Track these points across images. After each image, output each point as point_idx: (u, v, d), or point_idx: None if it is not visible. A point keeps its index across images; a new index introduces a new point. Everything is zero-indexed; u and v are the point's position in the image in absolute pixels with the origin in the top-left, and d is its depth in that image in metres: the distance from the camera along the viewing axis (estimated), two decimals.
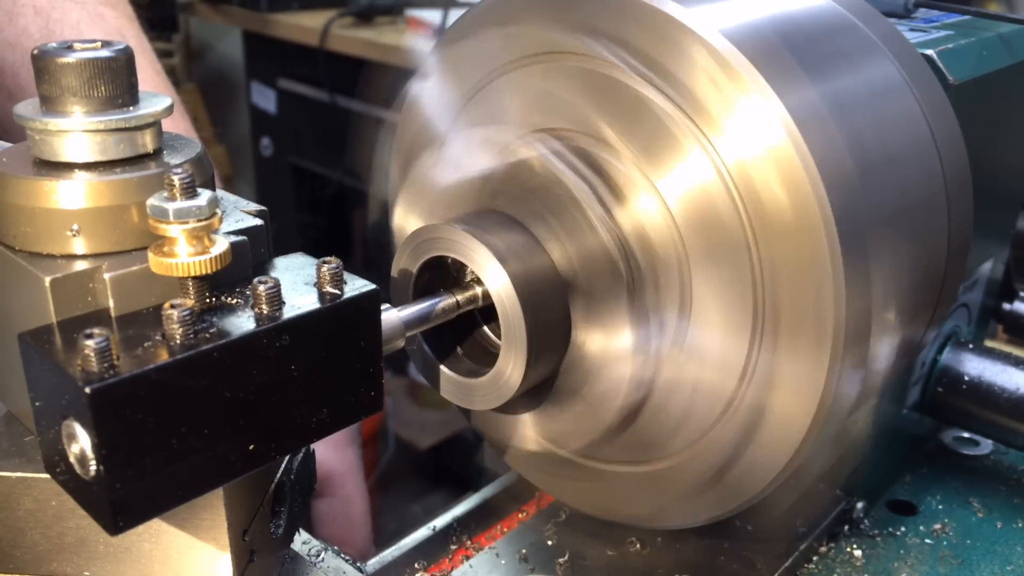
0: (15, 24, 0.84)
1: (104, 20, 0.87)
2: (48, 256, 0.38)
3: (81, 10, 0.85)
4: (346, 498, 0.91)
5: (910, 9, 0.67)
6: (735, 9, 0.46)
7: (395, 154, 0.60)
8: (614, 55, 0.47)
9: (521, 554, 0.61)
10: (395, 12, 2.12)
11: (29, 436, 0.42)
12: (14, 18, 0.84)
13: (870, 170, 0.45)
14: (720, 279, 0.46)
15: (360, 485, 0.93)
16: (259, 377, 0.37)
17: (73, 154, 0.39)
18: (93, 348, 0.32)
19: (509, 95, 0.52)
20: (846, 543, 0.65)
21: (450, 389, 0.54)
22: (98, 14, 0.87)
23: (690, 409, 0.49)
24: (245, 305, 0.38)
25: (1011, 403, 0.65)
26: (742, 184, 0.44)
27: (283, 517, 0.47)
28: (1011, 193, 0.72)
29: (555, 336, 0.51)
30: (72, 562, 0.42)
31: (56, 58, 0.38)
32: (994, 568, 0.63)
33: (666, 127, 0.46)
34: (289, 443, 0.40)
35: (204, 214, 0.36)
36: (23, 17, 0.84)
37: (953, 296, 0.56)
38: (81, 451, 0.33)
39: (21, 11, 0.84)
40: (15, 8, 0.84)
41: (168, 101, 0.41)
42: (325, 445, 0.90)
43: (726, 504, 0.51)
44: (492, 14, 0.52)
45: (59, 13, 0.84)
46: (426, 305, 0.50)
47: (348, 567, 0.53)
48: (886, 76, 0.50)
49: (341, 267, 0.40)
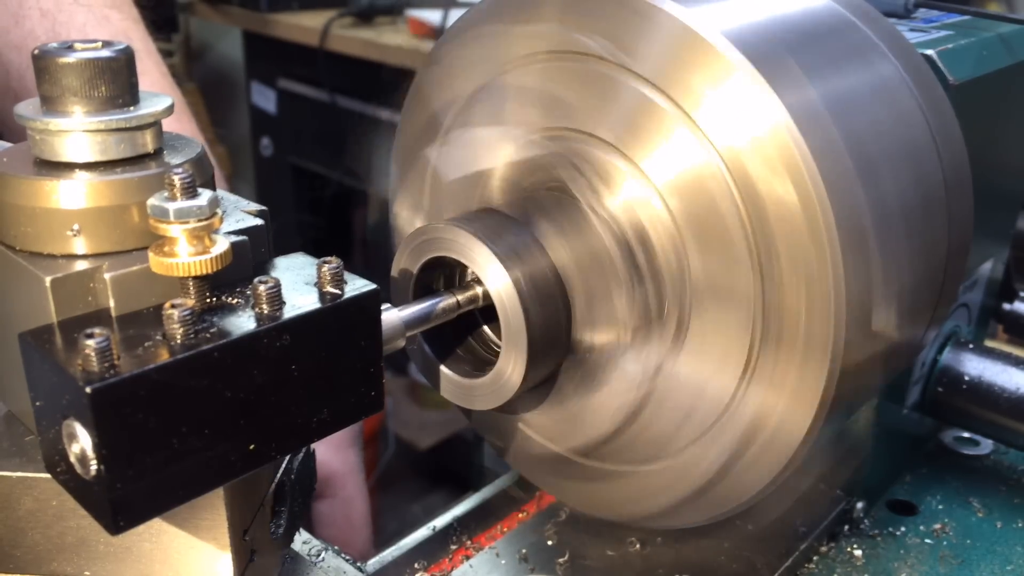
0: (21, 27, 0.84)
1: (110, 23, 0.87)
2: (49, 256, 0.38)
3: (87, 13, 0.85)
4: (347, 499, 0.91)
5: (910, 9, 0.67)
6: (735, 10, 0.46)
7: (395, 153, 0.60)
8: (615, 56, 0.47)
9: (521, 554, 0.61)
10: (395, 12, 2.12)
11: (29, 436, 0.42)
12: (20, 20, 0.84)
13: (870, 170, 0.45)
14: (720, 279, 0.46)
15: (361, 487, 0.93)
16: (260, 377, 0.37)
17: (74, 154, 0.39)
18: (94, 348, 0.32)
19: (510, 95, 0.52)
20: (846, 543, 0.65)
21: (450, 389, 0.54)
22: (104, 16, 0.87)
23: (690, 408, 0.49)
24: (246, 305, 0.38)
25: (1011, 403, 0.65)
26: (742, 184, 0.44)
27: (283, 517, 0.47)
28: (1011, 193, 0.72)
29: (555, 336, 0.51)
30: (73, 562, 0.42)
31: (57, 58, 0.38)
32: (994, 568, 0.63)
33: (667, 128, 0.46)
34: (290, 443, 0.40)
35: (205, 214, 0.36)
36: (29, 20, 0.84)
37: (953, 296, 0.56)
38: (82, 451, 0.33)
39: (27, 14, 0.84)
40: (21, 11, 0.84)
41: (168, 101, 0.41)
42: (327, 446, 0.90)
43: (726, 504, 0.51)
44: (492, 14, 0.52)
45: (65, 16, 0.84)
46: (427, 305, 0.50)
47: (348, 567, 0.53)
48: (886, 76, 0.50)
49: (342, 267, 0.40)
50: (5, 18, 0.84)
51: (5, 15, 0.84)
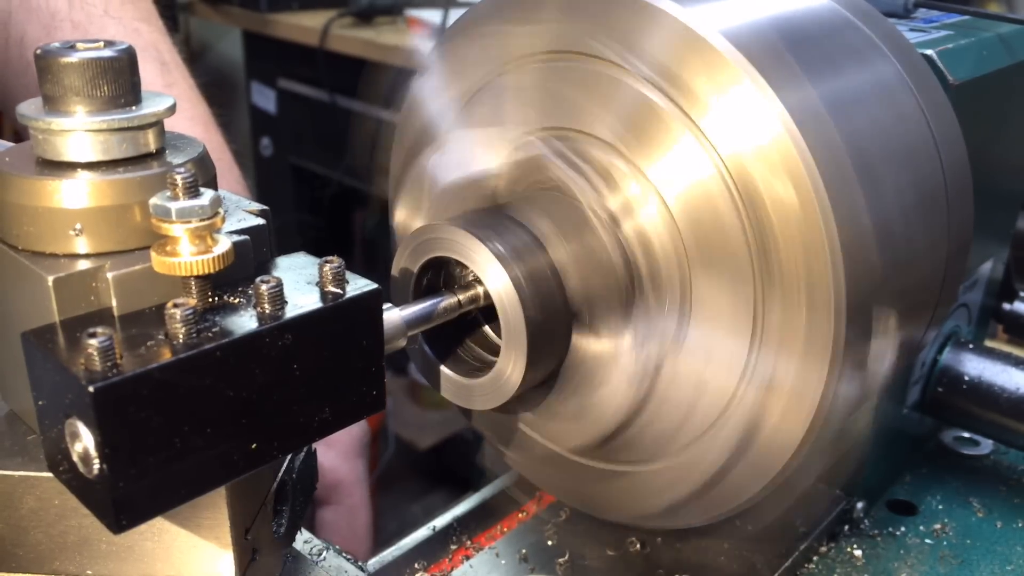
0: (52, 39, 0.85)
1: (140, 35, 0.89)
2: (51, 255, 0.38)
3: (118, 25, 0.87)
4: (352, 508, 0.92)
5: (910, 9, 0.67)
6: (735, 9, 0.46)
7: (395, 153, 0.60)
8: (616, 55, 0.47)
9: (521, 554, 0.61)
10: (395, 12, 2.12)
11: (32, 435, 0.42)
12: (52, 32, 0.85)
13: (870, 170, 0.45)
14: (720, 279, 0.46)
15: (366, 498, 0.94)
16: (261, 376, 0.37)
17: (76, 153, 0.39)
18: (96, 347, 0.33)
19: (510, 94, 0.52)
20: (846, 543, 0.65)
21: (450, 389, 0.54)
22: (135, 29, 0.89)
23: (690, 408, 0.49)
24: (248, 304, 0.38)
25: (1011, 403, 0.65)
26: (742, 184, 0.44)
27: (285, 516, 0.48)
28: (1011, 193, 0.72)
29: (555, 336, 0.51)
30: (74, 561, 0.42)
31: (59, 58, 0.38)
32: (994, 568, 0.63)
33: (667, 128, 0.46)
34: (291, 442, 0.40)
35: (207, 213, 0.36)
36: (61, 31, 0.85)
37: (953, 296, 0.56)
38: (84, 450, 0.33)
39: (59, 26, 0.85)
40: (53, 23, 0.85)
41: (170, 101, 0.41)
42: (337, 454, 0.91)
43: (726, 504, 0.51)
44: (492, 14, 0.52)
45: (96, 28, 0.85)
46: (428, 304, 0.50)
47: (350, 566, 0.53)
48: (886, 76, 0.50)
49: (343, 266, 0.40)
50: (37, 30, 0.85)
51: (37, 27, 0.85)
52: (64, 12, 0.85)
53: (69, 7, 0.85)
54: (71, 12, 0.85)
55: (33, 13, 0.85)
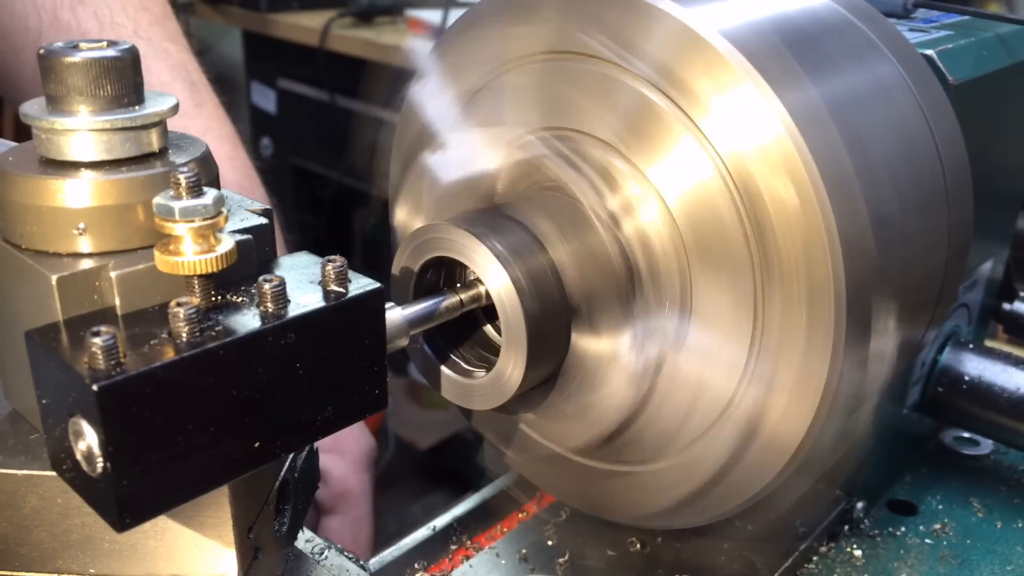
0: None
1: (170, 56, 0.90)
2: (54, 255, 0.38)
3: (148, 46, 0.88)
4: (357, 520, 0.92)
5: (910, 9, 0.67)
6: (735, 9, 0.46)
7: (395, 153, 0.60)
8: (616, 55, 0.47)
9: (521, 554, 0.61)
10: (395, 12, 2.12)
11: (35, 434, 0.42)
12: None
13: (870, 170, 0.45)
14: (721, 279, 0.46)
15: (371, 512, 0.94)
16: (265, 375, 0.37)
17: (79, 153, 0.39)
18: (100, 346, 0.33)
19: (510, 94, 0.52)
20: (846, 543, 0.65)
21: (450, 389, 0.54)
22: (163, 50, 0.90)
23: (691, 409, 0.49)
24: (251, 303, 0.38)
25: (1011, 403, 0.65)
26: (742, 184, 0.44)
27: (287, 515, 0.48)
28: (1011, 193, 0.72)
29: (555, 336, 0.51)
30: (78, 559, 0.42)
31: (62, 57, 0.38)
32: (994, 568, 0.63)
33: (667, 128, 0.46)
34: (294, 440, 0.40)
35: (210, 213, 0.36)
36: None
37: (953, 296, 0.56)
38: (88, 448, 0.33)
39: None
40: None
41: (173, 100, 0.41)
42: (348, 464, 0.91)
43: (727, 503, 0.51)
44: (492, 14, 0.52)
45: None
46: (430, 304, 0.50)
47: (352, 565, 0.53)
48: (886, 76, 0.50)
49: (346, 266, 0.40)
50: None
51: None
52: (95, 32, 0.86)
53: (100, 28, 0.86)
54: (102, 32, 0.86)
55: (63, 33, 0.86)
